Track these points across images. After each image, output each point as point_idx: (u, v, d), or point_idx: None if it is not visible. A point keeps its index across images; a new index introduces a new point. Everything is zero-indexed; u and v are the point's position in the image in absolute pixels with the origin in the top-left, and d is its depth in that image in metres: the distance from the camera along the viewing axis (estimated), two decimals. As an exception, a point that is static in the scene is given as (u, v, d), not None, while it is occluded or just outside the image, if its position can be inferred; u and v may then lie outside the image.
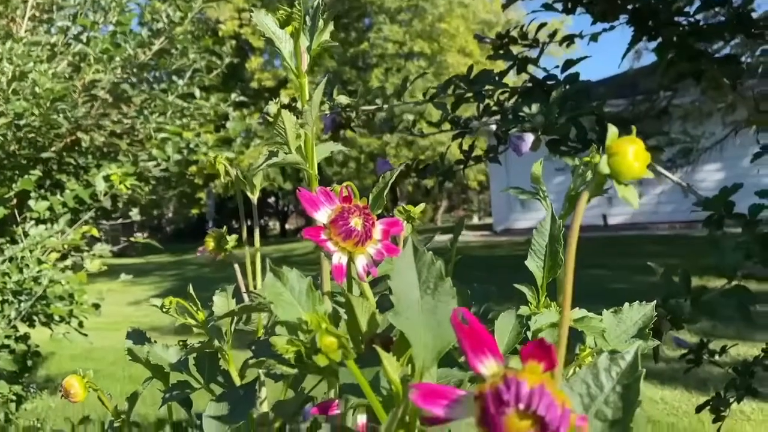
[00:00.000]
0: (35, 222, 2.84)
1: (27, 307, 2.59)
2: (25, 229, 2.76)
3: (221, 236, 0.92)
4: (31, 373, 3.36)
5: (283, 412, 0.78)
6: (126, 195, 3.35)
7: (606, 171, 0.34)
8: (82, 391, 0.76)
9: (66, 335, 2.88)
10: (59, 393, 0.78)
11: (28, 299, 2.59)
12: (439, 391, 0.31)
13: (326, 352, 0.37)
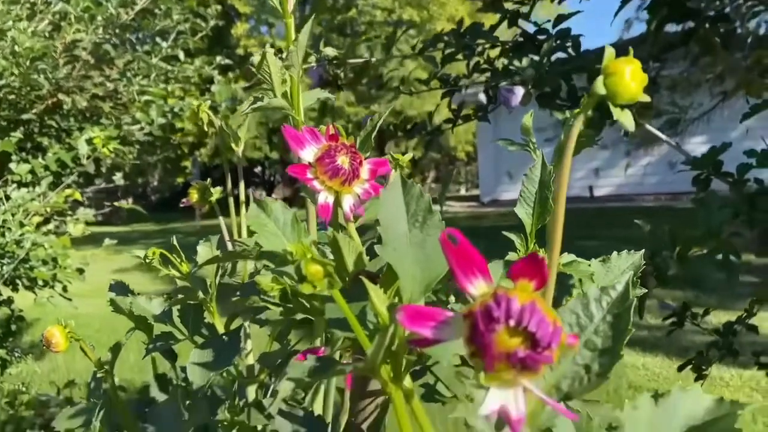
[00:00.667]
0: (17, 185, 2.79)
1: (9, 270, 2.55)
2: (7, 192, 2.71)
3: (205, 188, 0.91)
4: (15, 338, 3.34)
5: (269, 363, 0.77)
6: (109, 159, 3.30)
7: (602, 92, 0.32)
8: (64, 341, 0.75)
9: (50, 299, 2.85)
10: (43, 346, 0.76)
11: (11, 262, 2.56)
12: (426, 312, 0.30)
13: (312, 281, 0.36)
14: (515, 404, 0.28)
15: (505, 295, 0.28)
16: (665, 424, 0.33)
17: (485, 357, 0.27)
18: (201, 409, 0.62)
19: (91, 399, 0.82)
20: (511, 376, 0.28)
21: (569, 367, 0.36)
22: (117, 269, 7.16)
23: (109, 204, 3.04)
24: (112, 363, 0.77)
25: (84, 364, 4.10)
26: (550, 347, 0.27)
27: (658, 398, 0.34)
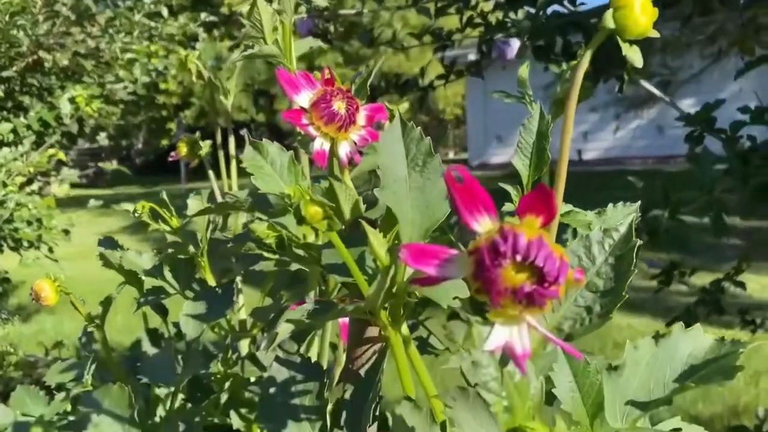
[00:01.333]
0: (-1, 144, 2.74)
1: (-6, 230, 2.52)
2: (-12, 152, 2.66)
3: (194, 142, 0.89)
4: (1, 300, 3.32)
5: (262, 317, 0.77)
6: (93, 119, 3.24)
7: (611, 25, 0.31)
8: (54, 294, 0.74)
9: (36, 261, 2.83)
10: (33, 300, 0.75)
11: (-5, 223, 2.52)
12: (430, 250, 0.29)
13: (311, 222, 0.35)
14: (520, 340, 0.28)
15: (512, 230, 0.27)
16: (666, 364, 0.33)
17: (491, 293, 0.27)
18: (195, 360, 0.62)
19: (82, 354, 0.81)
20: (517, 312, 0.27)
21: (571, 309, 0.35)
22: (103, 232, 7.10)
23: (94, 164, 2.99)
24: (103, 317, 0.76)
25: (72, 326, 4.10)
26: (557, 282, 0.26)
27: (659, 339, 0.34)
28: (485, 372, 0.28)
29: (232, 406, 0.74)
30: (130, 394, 0.62)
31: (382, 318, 0.38)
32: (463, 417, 0.33)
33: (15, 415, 0.79)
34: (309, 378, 0.46)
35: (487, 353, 0.28)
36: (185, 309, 0.65)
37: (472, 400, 0.34)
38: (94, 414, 0.62)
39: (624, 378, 0.33)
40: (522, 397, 0.29)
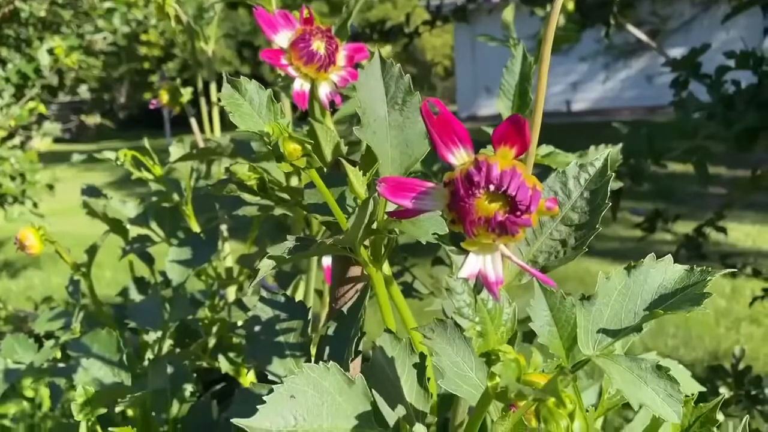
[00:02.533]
0: (-23, 98, 2.68)
1: (-24, 185, 2.50)
2: (-33, 105, 2.60)
3: (175, 89, 0.88)
4: (-11, 255, 3.32)
5: (247, 263, 0.78)
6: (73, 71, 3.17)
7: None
8: (39, 242, 0.74)
9: (21, 216, 2.81)
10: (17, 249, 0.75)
11: (-23, 178, 2.49)
12: (406, 183, 0.30)
13: (290, 159, 0.35)
14: (493, 268, 0.28)
15: (486, 161, 0.27)
16: (637, 293, 0.34)
17: (465, 222, 0.27)
18: (182, 304, 0.62)
19: (70, 302, 0.82)
20: (490, 241, 0.28)
21: (546, 242, 0.36)
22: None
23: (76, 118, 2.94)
24: (89, 265, 0.77)
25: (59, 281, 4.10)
26: (529, 211, 0.27)
27: (631, 270, 0.35)
28: (460, 298, 0.29)
29: (220, 351, 0.76)
30: (118, 338, 0.63)
31: (363, 255, 0.39)
32: (441, 347, 0.34)
33: (5, 362, 0.80)
34: (293, 317, 0.47)
35: (461, 281, 0.29)
36: (171, 255, 0.65)
37: (450, 331, 0.35)
38: (83, 359, 0.63)
39: (596, 308, 0.34)
40: (495, 323, 0.30)
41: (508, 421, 0.34)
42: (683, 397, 0.32)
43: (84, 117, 3.04)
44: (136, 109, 10.79)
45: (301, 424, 0.30)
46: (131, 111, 10.95)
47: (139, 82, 10.26)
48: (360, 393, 0.32)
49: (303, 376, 0.31)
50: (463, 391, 0.34)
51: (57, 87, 3.18)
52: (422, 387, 0.35)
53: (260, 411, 0.29)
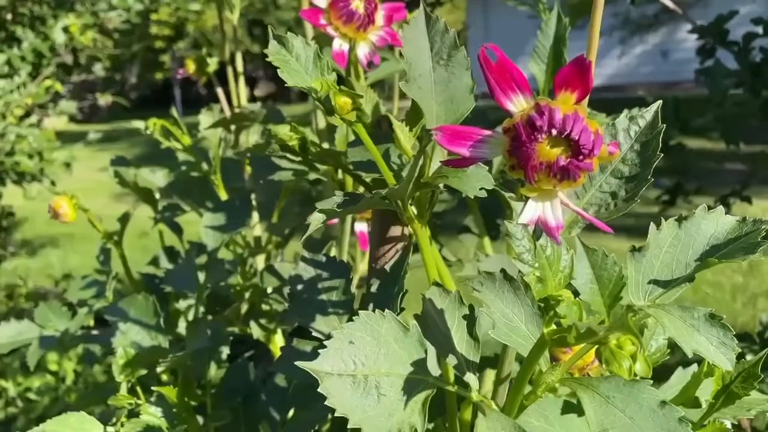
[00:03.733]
0: (-7, 77, 2.69)
1: (-4, 164, 2.52)
2: (-17, 84, 2.62)
3: (202, 58, 0.88)
4: (7, 234, 3.35)
5: (277, 231, 0.78)
6: (87, 50, 3.17)
7: None
8: (72, 211, 0.75)
9: (39, 195, 2.84)
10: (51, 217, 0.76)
11: (-4, 156, 2.52)
12: (463, 131, 0.30)
13: (340, 113, 0.35)
14: (553, 214, 0.28)
15: (548, 105, 0.27)
16: (688, 244, 0.34)
17: (526, 168, 0.28)
18: (217, 268, 0.63)
19: (102, 270, 0.83)
20: (551, 186, 0.28)
21: (595, 195, 0.36)
22: (102, 168, 7.08)
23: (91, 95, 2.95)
24: (121, 233, 0.78)
25: (76, 260, 4.14)
26: (592, 154, 0.27)
27: (682, 221, 0.35)
28: (520, 244, 0.29)
29: (252, 317, 0.77)
30: (154, 302, 0.64)
31: (409, 211, 0.39)
32: (491, 299, 0.35)
33: (40, 330, 0.81)
34: (334, 275, 0.47)
35: (521, 227, 0.29)
36: (205, 221, 0.66)
37: (499, 284, 0.35)
38: (121, 323, 0.64)
39: (647, 259, 0.34)
40: (553, 269, 0.30)
41: (558, 370, 0.35)
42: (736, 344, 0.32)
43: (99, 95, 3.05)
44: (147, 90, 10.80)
45: (360, 369, 0.30)
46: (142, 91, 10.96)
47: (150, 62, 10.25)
48: (415, 341, 0.33)
49: (360, 322, 0.31)
50: (514, 341, 0.35)
51: (72, 66, 3.18)
52: (472, 338, 0.36)
53: (322, 355, 0.30)
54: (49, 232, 4.67)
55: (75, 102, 3.06)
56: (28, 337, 0.80)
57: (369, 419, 0.29)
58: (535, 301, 0.35)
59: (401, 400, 0.31)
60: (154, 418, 0.55)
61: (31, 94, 2.58)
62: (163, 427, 0.55)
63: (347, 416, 0.29)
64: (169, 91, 10.04)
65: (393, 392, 0.31)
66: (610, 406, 0.32)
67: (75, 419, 0.60)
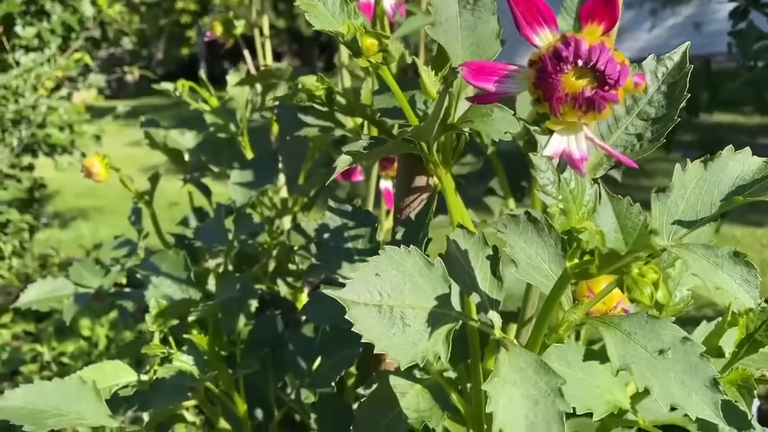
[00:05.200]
0: (24, 50, 2.74)
1: (28, 135, 2.57)
2: (15, 57, 2.67)
3: (229, 21, 0.88)
4: (40, 206, 3.43)
5: (303, 191, 0.79)
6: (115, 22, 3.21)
7: None
8: (104, 170, 0.77)
9: (70, 166, 2.90)
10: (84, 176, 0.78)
11: (28, 127, 2.57)
12: (489, 66, 0.30)
13: (367, 55, 0.36)
14: (577, 146, 0.29)
15: (574, 36, 0.28)
16: (714, 185, 0.34)
17: (551, 100, 0.28)
18: (246, 222, 0.65)
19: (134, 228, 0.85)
20: (576, 119, 0.28)
21: (621, 137, 0.36)
22: (129, 142, 7.18)
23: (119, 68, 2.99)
24: (152, 192, 0.79)
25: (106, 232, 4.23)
26: (617, 85, 0.27)
27: (708, 162, 0.35)
28: (544, 176, 0.30)
29: (279, 276, 0.78)
30: (185, 257, 0.66)
31: (434, 156, 0.40)
32: (514, 239, 0.35)
33: (75, 287, 0.84)
34: (360, 224, 0.48)
35: (545, 159, 0.30)
36: (233, 178, 0.67)
37: (522, 226, 0.36)
38: (153, 277, 0.66)
39: (671, 200, 0.35)
40: (577, 202, 0.31)
41: (580, 309, 0.35)
42: (759, 282, 0.32)
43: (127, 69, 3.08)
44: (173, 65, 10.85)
45: (386, 300, 0.31)
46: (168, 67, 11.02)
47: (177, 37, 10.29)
48: (439, 276, 0.33)
49: (386, 256, 0.32)
50: (537, 280, 0.35)
51: (100, 39, 3.22)
52: (496, 277, 0.36)
53: (348, 285, 0.31)
54: (79, 204, 4.77)
55: (104, 76, 3.10)
56: (63, 293, 0.83)
57: (394, 346, 0.30)
58: (559, 240, 0.36)
59: (425, 331, 0.32)
60: (186, 365, 0.57)
61: (61, 67, 2.62)
62: (195, 373, 0.56)
63: (373, 342, 0.30)
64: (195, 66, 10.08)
65: (417, 323, 0.32)
66: (631, 342, 0.33)
67: (110, 367, 0.63)
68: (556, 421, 0.31)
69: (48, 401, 0.57)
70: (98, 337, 2.15)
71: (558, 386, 0.32)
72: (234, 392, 0.62)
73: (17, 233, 2.87)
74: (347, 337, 0.54)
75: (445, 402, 0.43)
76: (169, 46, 10.74)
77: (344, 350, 0.54)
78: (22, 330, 2.42)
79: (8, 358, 2.26)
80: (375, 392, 0.42)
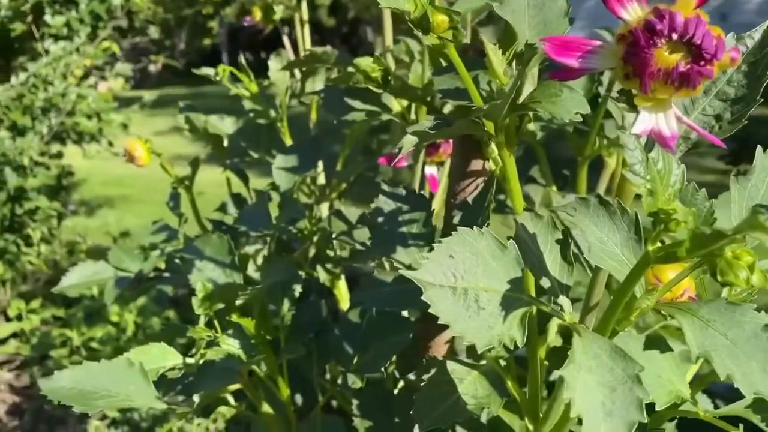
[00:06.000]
0: (54, 39, 2.77)
1: (57, 123, 2.60)
2: (44, 46, 2.69)
3: (268, 6, 0.88)
4: (67, 193, 3.47)
5: (343, 177, 0.79)
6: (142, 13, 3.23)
7: None
8: (146, 154, 0.77)
9: (98, 153, 2.93)
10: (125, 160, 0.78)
11: (57, 115, 2.60)
12: (573, 41, 0.29)
13: (436, 31, 0.35)
14: (667, 124, 0.28)
15: (668, 9, 0.27)
16: (798, 168, 0.33)
17: (643, 75, 0.27)
18: (291, 206, 0.64)
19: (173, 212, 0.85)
20: (666, 96, 0.27)
21: (698, 118, 0.35)
22: (154, 132, 7.24)
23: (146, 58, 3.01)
24: (192, 177, 0.80)
25: (132, 221, 4.27)
26: (714, 60, 0.26)
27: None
28: (632, 155, 0.29)
29: (319, 262, 0.78)
30: (229, 241, 0.66)
31: (500, 138, 0.39)
32: (584, 222, 0.35)
33: (115, 271, 0.84)
34: (414, 208, 0.48)
35: (634, 137, 0.29)
36: (277, 162, 0.67)
37: (593, 209, 0.35)
38: (197, 260, 0.66)
39: (752, 183, 0.34)
40: (664, 183, 0.30)
41: (654, 295, 0.34)
42: None
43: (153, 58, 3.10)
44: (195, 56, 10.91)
45: (460, 282, 0.31)
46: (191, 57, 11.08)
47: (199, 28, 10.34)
48: (512, 259, 0.33)
49: (459, 238, 0.32)
50: (609, 265, 0.34)
51: (127, 29, 3.24)
52: (566, 261, 0.35)
53: (424, 266, 0.30)
54: (105, 193, 4.82)
55: (130, 65, 3.12)
56: (103, 276, 0.83)
57: (471, 329, 0.29)
58: (632, 224, 0.35)
59: (500, 315, 0.31)
60: (233, 348, 0.57)
61: (89, 56, 2.64)
62: (242, 356, 0.56)
63: (449, 324, 0.29)
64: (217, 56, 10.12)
65: (491, 306, 0.31)
66: (710, 329, 0.32)
67: (157, 349, 0.63)
68: (635, 408, 0.30)
69: (96, 382, 0.58)
70: (126, 322, 2.18)
71: (635, 373, 0.31)
72: (278, 376, 0.62)
73: (46, 220, 2.90)
74: (396, 323, 0.54)
75: (502, 388, 0.43)
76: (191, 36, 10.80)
77: (392, 337, 0.54)
78: (51, 315, 2.46)
79: (38, 342, 2.30)
80: (433, 378, 0.41)
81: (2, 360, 2.32)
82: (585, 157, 0.70)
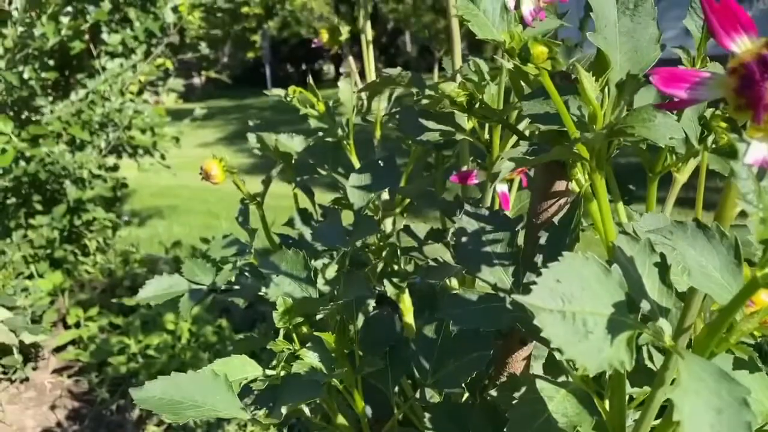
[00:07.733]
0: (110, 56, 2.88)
1: (115, 138, 2.70)
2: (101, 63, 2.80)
3: (335, 28, 0.91)
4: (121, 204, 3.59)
5: (406, 193, 0.80)
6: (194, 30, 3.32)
7: None
8: (221, 173, 0.80)
9: (151, 167, 3.02)
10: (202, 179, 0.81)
11: (115, 130, 2.70)
12: (681, 73, 0.30)
13: (536, 62, 0.36)
14: (780, 155, 0.28)
15: (782, 43, 0.27)
16: None
17: (757, 107, 0.28)
18: (365, 224, 0.66)
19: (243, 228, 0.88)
20: (780, 127, 0.28)
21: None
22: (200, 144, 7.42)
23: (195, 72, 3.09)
24: (263, 194, 0.82)
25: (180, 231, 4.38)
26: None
27: None
28: (745, 184, 0.30)
29: (386, 276, 0.80)
30: (305, 257, 0.68)
31: (593, 162, 0.40)
32: (683, 246, 0.35)
33: (189, 284, 0.88)
34: (498, 228, 0.49)
35: (746, 167, 0.29)
36: (351, 181, 0.69)
37: (691, 232, 0.36)
38: (273, 275, 0.69)
39: None
40: (775, 211, 0.30)
41: (756, 318, 0.35)
42: None
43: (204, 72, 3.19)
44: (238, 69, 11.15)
45: (568, 306, 0.32)
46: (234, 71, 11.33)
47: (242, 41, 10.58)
48: (615, 283, 0.34)
49: (565, 263, 0.33)
50: (709, 288, 0.35)
51: (178, 45, 3.35)
52: (665, 285, 0.36)
53: (534, 291, 0.31)
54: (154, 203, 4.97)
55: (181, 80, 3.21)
56: (179, 289, 0.87)
57: (581, 354, 0.30)
58: (731, 248, 0.35)
59: (607, 339, 0.32)
60: (314, 362, 0.59)
61: (144, 72, 2.73)
62: (324, 369, 0.58)
63: (562, 348, 0.30)
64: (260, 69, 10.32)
65: (598, 330, 0.32)
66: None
67: (237, 361, 0.65)
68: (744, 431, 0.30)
69: (184, 393, 0.60)
70: (182, 330, 2.24)
71: (743, 396, 0.31)
72: (354, 389, 0.63)
73: (101, 230, 3.01)
74: (475, 339, 0.55)
75: (592, 407, 0.43)
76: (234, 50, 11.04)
77: (471, 353, 0.55)
78: (108, 322, 2.54)
79: (96, 349, 2.38)
80: (524, 396, 0.42)
81: (62, 366, 2.40)
82: (656, 173, 0.70)
